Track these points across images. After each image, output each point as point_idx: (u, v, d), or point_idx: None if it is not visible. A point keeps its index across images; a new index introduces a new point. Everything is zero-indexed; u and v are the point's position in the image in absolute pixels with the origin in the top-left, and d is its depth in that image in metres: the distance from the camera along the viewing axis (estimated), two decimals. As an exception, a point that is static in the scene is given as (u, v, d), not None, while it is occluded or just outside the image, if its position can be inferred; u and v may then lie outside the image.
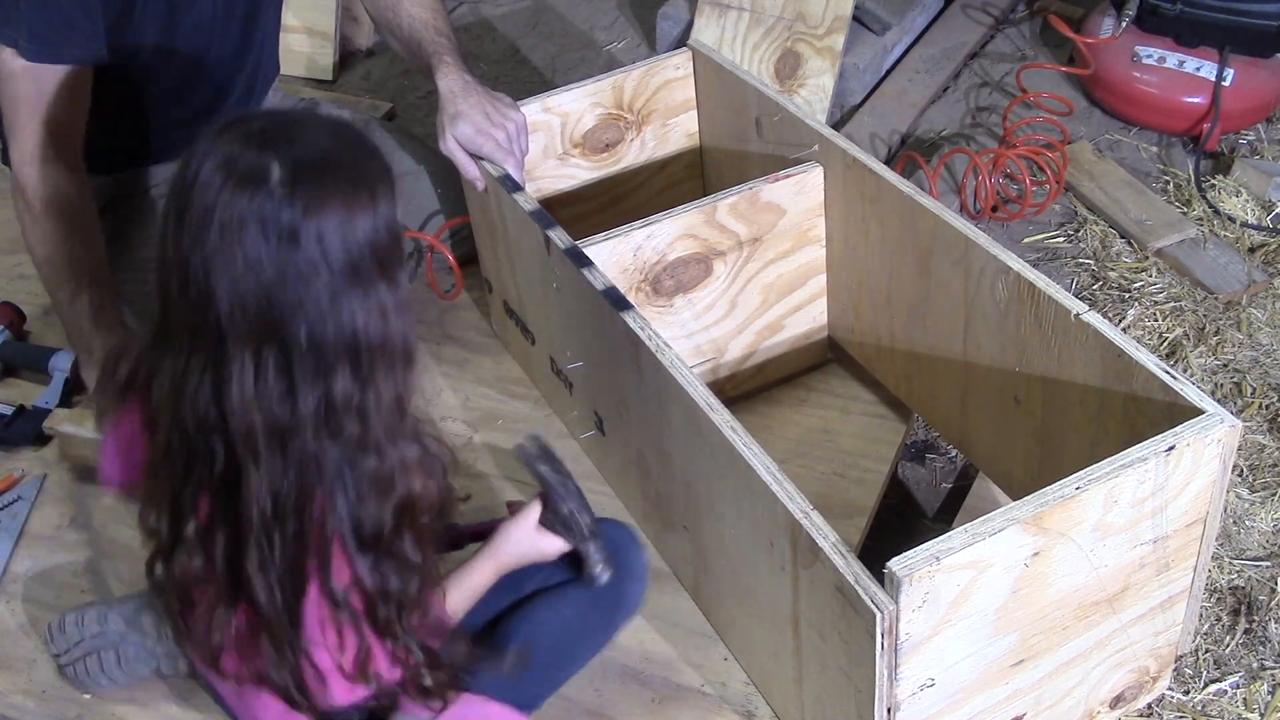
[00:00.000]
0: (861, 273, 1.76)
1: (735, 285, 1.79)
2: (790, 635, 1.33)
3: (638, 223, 1.68)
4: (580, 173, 2.01)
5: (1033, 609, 1.23)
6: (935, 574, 1.12)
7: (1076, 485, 1.17)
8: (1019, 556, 1.17)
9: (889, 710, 1.20)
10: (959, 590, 1.15)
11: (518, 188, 1.73)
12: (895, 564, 1.11)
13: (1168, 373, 1.29)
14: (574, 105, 1.93)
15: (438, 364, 2.04)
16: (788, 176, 1.73)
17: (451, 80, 1.79)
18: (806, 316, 1.88)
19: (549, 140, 1.95)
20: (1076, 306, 1.38)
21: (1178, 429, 1.22)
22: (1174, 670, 1.46)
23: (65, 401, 1.96)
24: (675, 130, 2.05)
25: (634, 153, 2.04)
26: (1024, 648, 1.26)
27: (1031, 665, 1.28)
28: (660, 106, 2.00)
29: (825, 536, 1.18)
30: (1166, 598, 1.35)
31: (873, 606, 1.12)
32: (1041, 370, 1.46)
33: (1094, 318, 1.37)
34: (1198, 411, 1.25)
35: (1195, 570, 1.34)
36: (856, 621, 1.16)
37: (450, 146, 1.78)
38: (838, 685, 1.26)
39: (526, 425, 1.90)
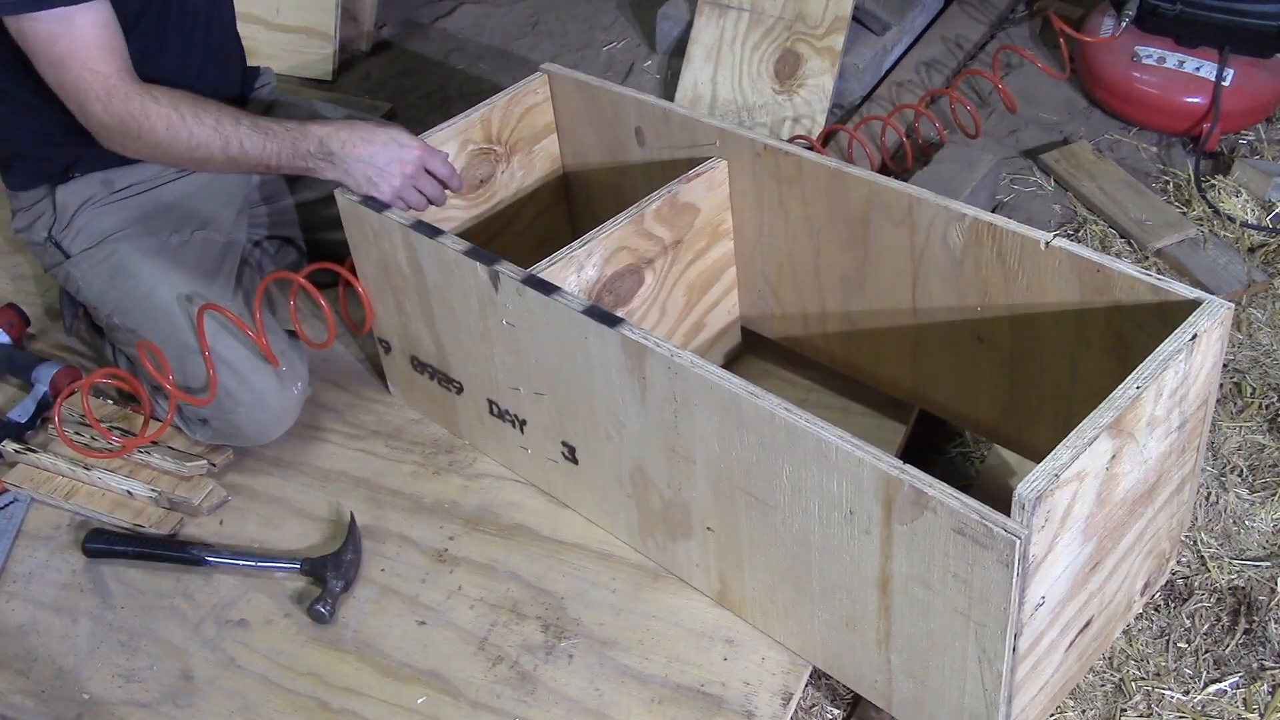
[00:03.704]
0: (781, 255, 1.81)
1: (663, 290, 1.80)
2: (876, 597, 1.35)
3: (575, 243, 1.67)
4: (459, 213, 1.95)
5: (1105, 512, 1.31)
6: (1055, 492, 1.18)
7: (1137, 385, 1.26)
8: (1103, 463, 1.25)
9: (1015, 635, 1.25)
10: (1066, 504, 1.21)
11: (437, 232, 1.67)
12: (1023, 488, 1.16)
13: (1151, 275, 1.41)
14: (448, 144, 1.88)
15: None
16: (698, 175, 1.76)
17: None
18: (722, 310, 1.92)
19: (429, 184, 1.89)
20: (1043, 236, 1.48)
21: (1192, 318, 1.33)
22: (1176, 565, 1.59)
23: (38, 415, 1.95)
24: (540, 156, 2.03)
25: (505, 185, 2.00)
26: (1098, 551, 1.34)
27: (1101, 569, 1.37)
28: (525, 134, 1.99)
29: (933, 485, 1.22)
30: (1180, 480, 1.47)
31: (1008, 535, 1.16)
32: (1008, 304, 1.56)
33: (1063, 242, 1.47)
34: (1189, 303, 1.37)
35: (1199, 450, 1.47)
36: (984, 556, 1.20)
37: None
38: (948, 629, 1.29)
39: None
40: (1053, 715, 1.49)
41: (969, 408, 1.72)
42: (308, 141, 1.72)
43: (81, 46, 1.64)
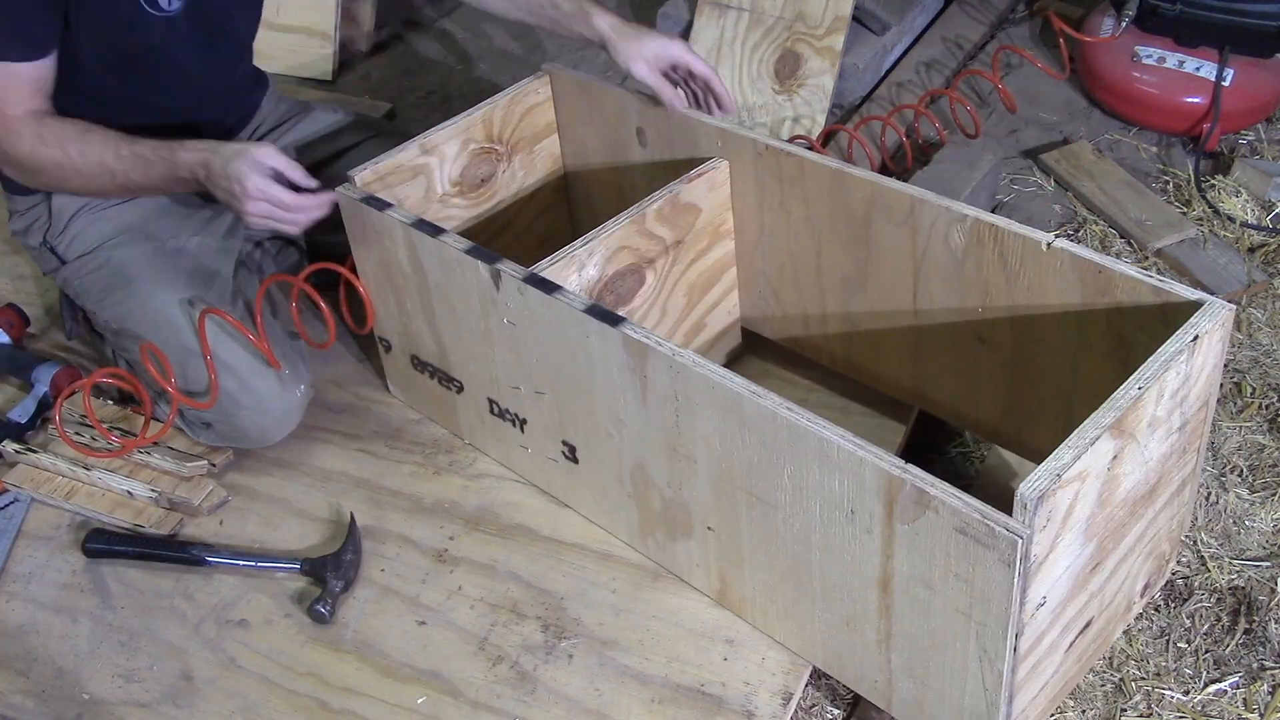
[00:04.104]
0: (782, 255, 1.81)
1: (664, 290, 1.80)
2: (877, 597, 1.35)
3: (577, 242, 1.67)
4: (460, 212, 1.95)
5: (1106, 513, 1.31)
6: (1057, 492, 1.18)
7: (1139, 386, 1.26)
8: (1104, 463, 1.25)
9: (1016, 635, 1.25)
10: (1068, 505, 1.21)
11: (439, 231, 1.67)
12: (1025, 488, 1.16)
13: (1153, 276, 1.41)
14: (449, 143, 1.88)
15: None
16: (700, 175, 1.76)
17: (611, 18, 1.85)
18: (723, 310, 1.92)
19: (429, 184, 1.89)
20: (1045, 237, 1.48)
21: (1194, 320, 1.33)
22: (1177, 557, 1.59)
23: (38, 415, 1.96)
24: (541, 156, 2.03)
25: (506, 185, 2.00)
26: (1099, 552, 1.34)
27: (1102, 570, 1.37)
28: (527, 134, 1.99)
29: (935, 485, 1.22)
30: (1181, 481, 1.47)
31: (1010, 534, 1.16)
32: (1009, 305, 1.56)
33: (1065, 243, 1.47)
34: (1191, 305, 1.37)
35: (1199, 452, 1.47)
36: (985, 556, 1.20)
37: (642, 71, 1.80)
38: (949, 629, 1.29)
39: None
40: (1053, 715, 1.49)
41: (969, 408, 1.72)
42: (181, 169, 1.77)
43: (12, 90, 1.70)
